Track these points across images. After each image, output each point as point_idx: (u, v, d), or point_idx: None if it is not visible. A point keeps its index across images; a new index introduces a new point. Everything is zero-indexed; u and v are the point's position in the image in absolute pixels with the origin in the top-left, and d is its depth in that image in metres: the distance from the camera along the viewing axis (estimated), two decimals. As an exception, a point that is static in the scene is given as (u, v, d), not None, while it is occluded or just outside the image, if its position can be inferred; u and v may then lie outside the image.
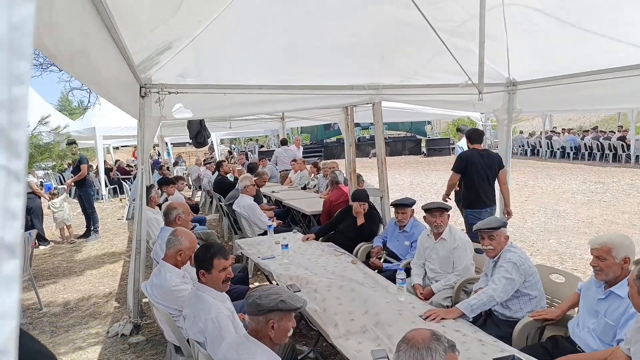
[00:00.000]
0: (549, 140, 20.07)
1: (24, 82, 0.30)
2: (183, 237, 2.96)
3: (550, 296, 3.11)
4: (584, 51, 3.73)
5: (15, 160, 0.30)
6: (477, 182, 4.75)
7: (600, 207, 9.03)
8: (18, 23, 0.29)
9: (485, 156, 4.86)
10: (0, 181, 0.30)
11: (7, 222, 0.30)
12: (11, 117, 0.30)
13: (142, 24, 2.75)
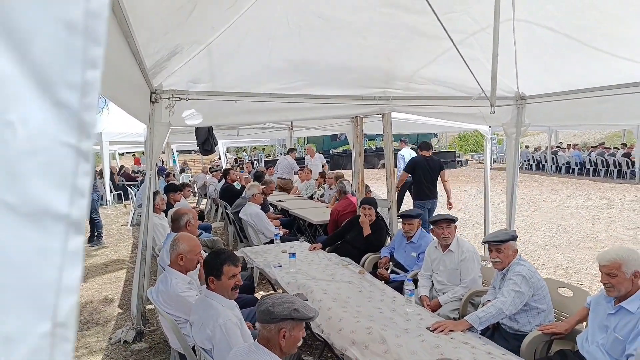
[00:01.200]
0: (554, 155, 20.01)
1: (97, 67, 0.31)
2: (182, 241, 2.95)
3: (559, 310, 3.09)
4: (592, 67, 3.75)
5: (85, 141, 0.32)
6: (422, 180, 6.47)
7: (605, 223, 8.97)
8: (95, 9, 0.31)
9: (430, 161, 6.59)
10: (71, 160, 0.31)
11: (76, 199, 0.31)
12: (84, 100, 0.31)
13: (156, 27, 2.79)
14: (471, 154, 29.62)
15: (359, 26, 3.43)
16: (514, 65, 3.95)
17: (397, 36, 3.58)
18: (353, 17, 3.27)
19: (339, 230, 4.94)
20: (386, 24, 3.38)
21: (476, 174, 19.45)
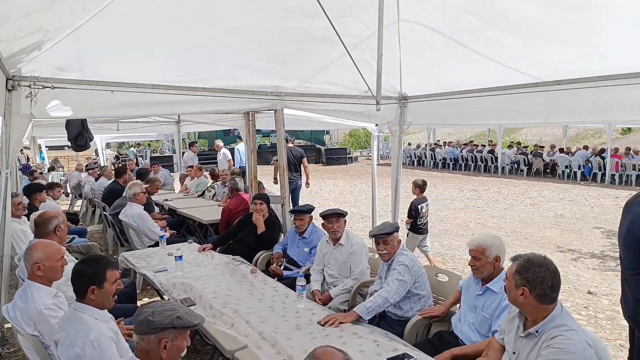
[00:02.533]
0: (433, 152, 22.04)
1: None
2: (36, 249, 2.54)
3: (436, 294, 3.36)
4: (466, 70, 4.12)
5: None
6: (289, 166, 7.51)
7: (474, 212, 10.11)
8: None
9: (293, 150, 8.22)
10: None
11: None
12: None
13: (12, 6, 2.38)
14: (361, 150, 31.18)
15: (254, 28, 3.34)
16: (398, 67, 4.19)
17: (292, 39, 3.57)
18: (246, 18, 3.17)
19: (231, 229, 4.79)
20: (281, 26, 3.35)
21: (365, 169, 20.52)
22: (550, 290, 2.00)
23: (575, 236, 7.84)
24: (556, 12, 2.73)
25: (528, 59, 3.54)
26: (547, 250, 6.91)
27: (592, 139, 28.37)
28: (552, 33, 3.06)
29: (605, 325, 4.25)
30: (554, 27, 2.97)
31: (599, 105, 3.61)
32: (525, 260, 2.07)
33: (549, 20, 2.84)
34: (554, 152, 18.01)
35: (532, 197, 12.28)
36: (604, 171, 14.96)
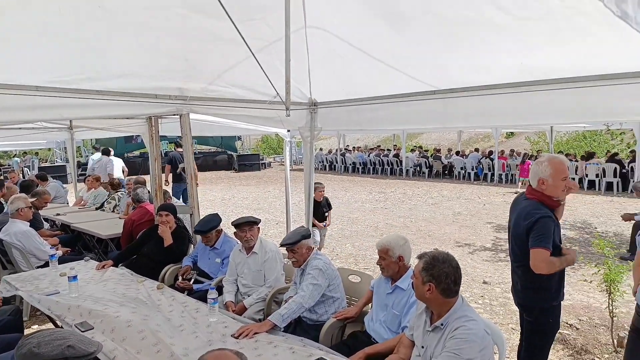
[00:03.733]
0: (343, 156, 22.75)
1: None
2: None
3: (350, 296, 3.43)
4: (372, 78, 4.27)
5: None
6: (178, 170, 9.54)
7: (383, 213, 10.59)
8: None
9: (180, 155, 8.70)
10: None
11: None
12: None
13: None
14: (274, 156, 31.14)
15: (153, 25, 3.12)
16: (307, 73, 4.23)
17: (196, 38, 3.41)
18: (145, 13, 2.95)
19: (135, 243, 4.45)
20: (184, 26, 3.18)
21: (279, 175, 20.51)
22: (454, 285, 2.13)
23: (470, 231, 8.58)
24: (448, 28, 2.94)
25: (426, 69, 3.78)
26: (447, 245, 7.46)
27: (482, 143, 31.43)
28: (445, 45, 3.30)
29: (499, 311, 4.69)
30: (446, 40, 3.20)
31: (487, 111, 3.98)
32: (430, 258, 2.19)
33: (442, 33, 3.06)
34: (450, 155, 19.59)
35: (434, 197, 13.21)
36: (493, 171, 16.63)
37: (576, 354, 3.75)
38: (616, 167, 13.09)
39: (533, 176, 2.71)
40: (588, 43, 2.71)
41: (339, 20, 3.32)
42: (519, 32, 2.78)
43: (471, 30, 2.98)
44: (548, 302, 2.69)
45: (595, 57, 2.89)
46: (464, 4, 2.62)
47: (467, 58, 3.46)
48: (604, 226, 8.66)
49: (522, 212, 2.67)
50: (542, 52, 3.02)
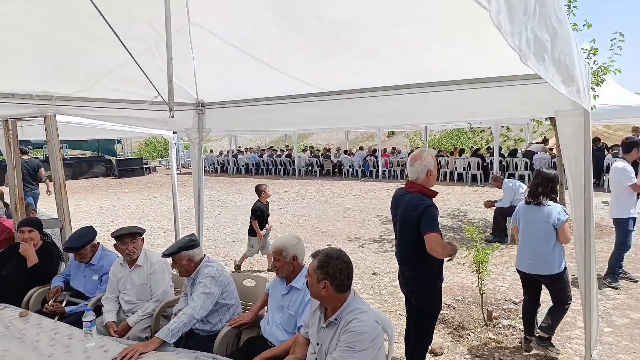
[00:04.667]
0: (235, 158, 22.32)
1: None
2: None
3: (245, 301, 3.35)
4: (259, 79, 4.23)
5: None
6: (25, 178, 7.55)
7: (277, 214, 10.61)
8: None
9: (29, 162, 7.96)
10: None
11: None
12: None
13: None
14: (160, 159, 29.32)
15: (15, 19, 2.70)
16: (193, 73, 4.03)
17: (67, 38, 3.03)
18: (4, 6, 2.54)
19: (-11, 266, 3.80)
20: (57, 23, 2.80)
21: (165, 180, 19.37)
22: (347, 279, 2.20)
23: (360, 226, 9.03)
24: (332, 33, 3.03)
25: (314, 72, 3.86)
26: (339, 240, 7.76)
27: (367, 142, 33.37)
28: (330, 49, 3.40)
29: (388, 300, 5.00)
30: (331, 45, 3.30)
31: (370, 112, 4.21)
32: (324, 255, 2.22)
33: (327, 38, 3.15)
34: (339, 154, 20.45)
35: (325, 194, 13.64)
36: (377, 168, 17.75)
37: (454, 331, 4.16)
38: (479, 161, 14.88)
39: (421, 169, 2.92)
40: (452, 52, 3.01)
41: (225, 22, 3.22)
42: (395, 38, 2.98)
43: (354, 36, 3.12)
44: (433, 285, 2.95)
45: (460, 64, 3.23)
46: (347, 10, 2.72)
47: (351, 62, 3.61)
48: (472, 213, 9.78)
49: (409, 205, 2.88)
50: (416, 58, 3.28)
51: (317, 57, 3.59)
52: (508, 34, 1.07)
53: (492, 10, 0.94)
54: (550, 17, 1.48)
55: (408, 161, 3.07)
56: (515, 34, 1.12)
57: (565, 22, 1.82)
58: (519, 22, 1.13)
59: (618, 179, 4.93)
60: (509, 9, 1.04)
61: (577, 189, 3.02)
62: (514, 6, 1.08)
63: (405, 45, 3.08)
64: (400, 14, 2.64)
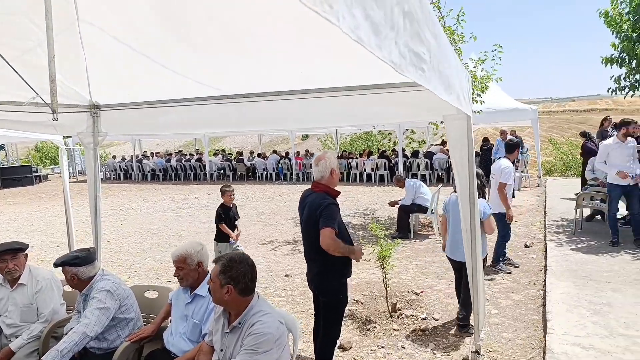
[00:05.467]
0: (140, 163, 21.01)
1: None
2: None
3: (147, 314, 3.18)
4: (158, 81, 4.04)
5: None
6: None
7: (187, 221, 10.22)
8: None
9: None
10: None
11: None
12: None
13: None
14: (53, 167, 26.63)
15: None
16: (85, 73, 3.73)
17: None
18: None
19: None
20: None
21: (60, 189, 17.62)
22: (251, 282, 2.20)
23: (273, 229, 9.03)
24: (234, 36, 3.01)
25: (217, 75, 3.78)
26: (252, 244, 7.68)
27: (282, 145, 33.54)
28: (234, 53, 3.37)
29: (300, 300, 5.06)
30: (234, 48, 3.27)
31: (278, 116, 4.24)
32: (227, 260, 2.20)
33: (230, 41, 3.11)
34: (253, 157, 20.25)
35: (239, 199, 13.40)
36: (291, 171, 17.89)
37: (362, 325, 4.34)
38: (385, 162, 15.70)
39: (325, 169, 3.07)
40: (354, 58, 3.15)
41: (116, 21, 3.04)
42: (299, 44, 3.04)
43: (257, 39, 3.12)
44: (338, 280, 3.08)
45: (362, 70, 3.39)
46: (249, 14, 2.72)
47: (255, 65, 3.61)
48: (380, 212, 10.28)
49: (313, 204, 2.98)
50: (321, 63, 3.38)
51: (221, 60, 3.54)
52: (374, 47, 1.15)
53: (344, 26, 1.00)
54: (423, 32, 1.62)
55: (313, 162, 3.17)
56: (384, 47, 1.21)
57: (441, 37, 2.01)
58: (387, 36, 1.23)
59: (497, 177, 5.52)
60: (371, 24, 1.12)
61: (463, 185, 3.34)
62: (378, 22, 1.16)
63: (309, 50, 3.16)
64: (301, 19, 2.71)
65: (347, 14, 1.03)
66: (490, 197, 5.65)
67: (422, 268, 6.01)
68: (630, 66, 6.82)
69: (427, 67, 1.74)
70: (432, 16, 1.83)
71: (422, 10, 1.64)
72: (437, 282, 5.43)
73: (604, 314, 4.05)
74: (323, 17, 0.94)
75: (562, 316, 4.06)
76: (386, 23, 1.21)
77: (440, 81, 2.02)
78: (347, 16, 1.01)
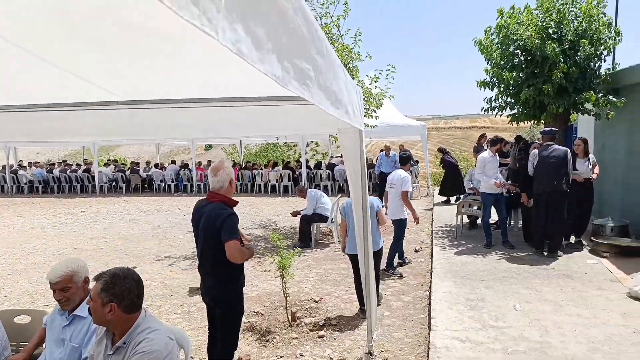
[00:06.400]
0: (15, 174, 18.58)
1: None
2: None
3: (17, 341, 2.83)
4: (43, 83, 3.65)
5: None
6: None
7: (70, 238, 9.28)
8: None
9: None
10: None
11: None
12: None
13: None
14: None
15: None
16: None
17: None
18: None
19: None
20: None
21: None
22: (137, 299, 2.07)
23: (170, 243, 8.60)
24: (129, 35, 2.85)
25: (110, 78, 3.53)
26: (146, 261, 7.22)
27: (183, 155, 32.11)
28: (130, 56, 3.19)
29: (197, 317, 4.87)
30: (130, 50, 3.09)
31: (177, 124, 4.09)
32: (110, 276, 2.05)
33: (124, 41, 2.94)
34: (149, 168, 19.09)
35: (132, 212, 12.54)
36: (192, 182, 17.21)
37: (261, 336, 4.32)
38: (290, 173, 15.90)
39: (225, 179, 3.05)
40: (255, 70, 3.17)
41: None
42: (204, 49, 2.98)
43: (155, 43, 2.99)
44: (234, 290, 3.07)
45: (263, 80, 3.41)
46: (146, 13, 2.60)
47: (156, 70, 3.44)
48: (282, 222, 10.34)
49: (211, 215, 2.94)
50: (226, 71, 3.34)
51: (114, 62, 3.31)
52: (256, 60, 1.20)
53: (223, 39, 1.04)
54: (309, 50, 1.72)
55: (209, 172, 3.12)
56: (265, 61, 1.27)
57: (329, 55, 2.13)
58: (269, 51, 1.29)
59: (397, 186, 5.95)
60: (253, 39, 1.17)
61: (356, 194, 3.54)
62: (260, 38, 1.22)
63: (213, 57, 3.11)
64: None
65: (228, 28, 1.07)
66: (390, 205, 6.06)
67: (322, 276, 6.17)
68: (500, 89, 7.81)
69: (312, 83, 1.84)
70: (320, 35, 1.94)
71: (309, 29, 1.74)
72: (336, 289, 5.62)
73: (479, 309, 4.54)
74: (201, 30, 0.96)
75: (443, 313, 4.46)
76: (269, 39, 1.27)
77: (326, 96, 2.14)
78: (228, 30, 1.05)
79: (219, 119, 3.92)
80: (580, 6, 7.24)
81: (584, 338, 3.84)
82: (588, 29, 7.01)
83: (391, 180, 6.19)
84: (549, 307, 4.52)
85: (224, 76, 3.49)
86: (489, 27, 7.79)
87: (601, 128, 8.43)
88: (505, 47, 7.57)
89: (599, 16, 7.09)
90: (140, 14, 2.67)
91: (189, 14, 0.91)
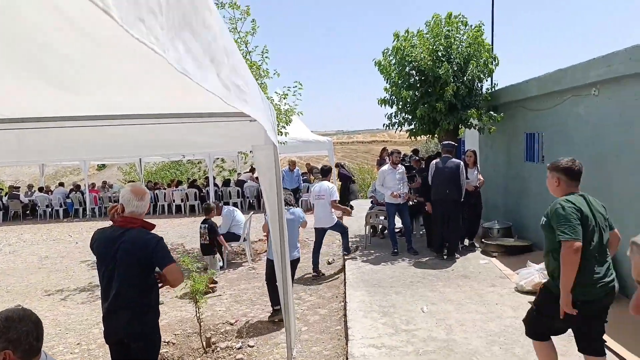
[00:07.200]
0: None
1: None
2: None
3: None
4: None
5: None
6: None
7: None
8: None
9: None
10: None
11: None
12: None
13: None
14: None
15: None
16: None
17: None
18: None
19: None
20: None
21: None
22: (36, 342, 1.83)
23: (62, 275, 7.71)
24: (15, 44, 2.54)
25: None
26: (33, 297, 6.38)
27: (72, 176, 29.21)
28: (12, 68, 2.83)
29: (99, 354, 4.42)
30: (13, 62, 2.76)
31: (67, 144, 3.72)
32: (3, 320, 1.79)
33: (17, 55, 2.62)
34: (32, 192, 17.05)
35: (12, 243, 11.04)
36: (85, 206, 15.68)
37: (175, 367, 4.05)
38: (196, 192, 15.28)
39: (147, 203, 2.99)
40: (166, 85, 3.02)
41: None
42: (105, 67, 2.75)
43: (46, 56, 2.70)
44: (155, 318, 2.90)
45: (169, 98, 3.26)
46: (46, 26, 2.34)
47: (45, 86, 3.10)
48: (191, 244, 9.87)
49: (137, 242, 2.77)
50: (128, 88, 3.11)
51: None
52: (199, 79, 1.18)
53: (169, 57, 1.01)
54: (239, 66, 1.71)
55: (133, 196, 2.90)
56: (208, 79, 1.25)
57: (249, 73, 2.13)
58: (208, 68, 1.26)
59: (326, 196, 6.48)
60: (192, 58, 1.14)
61: (272, 209, 3.52)
62: (198, 56, 1.19)
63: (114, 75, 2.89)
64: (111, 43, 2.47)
65: (171, 46, 1.03)
66: (321, 215, 6.44)
67: (236, 297, 6.00)
68: (398, 107, 8.39)
69: (248, 99, 1.82)
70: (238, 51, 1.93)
71: (234, 46, 1.72)
72: (252, 309, 5.49)
73: (390, 315, 4.76)
74: (150, 49, 0.91)
75: (359, 322, 4.60)
76: (205, 56, 1.24)
77: (260, 112, 2.13)
78: (171, 49, 1.01)
79: (116, 136, 3.66)
80: (466, 32, 8.11)
81: (483, 332, 4.22)
82: (473, 55, 7.88)
83: (318, 191, 6.44)
84: (452, 307, 4.90)
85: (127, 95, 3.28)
86: (386, 49, 8.36)
87: (485, 141, 9.47)
88: (402, 68, 8.17)
89: (483, 42, 8.01)
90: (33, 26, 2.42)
91: (138, 32, 0.86)
